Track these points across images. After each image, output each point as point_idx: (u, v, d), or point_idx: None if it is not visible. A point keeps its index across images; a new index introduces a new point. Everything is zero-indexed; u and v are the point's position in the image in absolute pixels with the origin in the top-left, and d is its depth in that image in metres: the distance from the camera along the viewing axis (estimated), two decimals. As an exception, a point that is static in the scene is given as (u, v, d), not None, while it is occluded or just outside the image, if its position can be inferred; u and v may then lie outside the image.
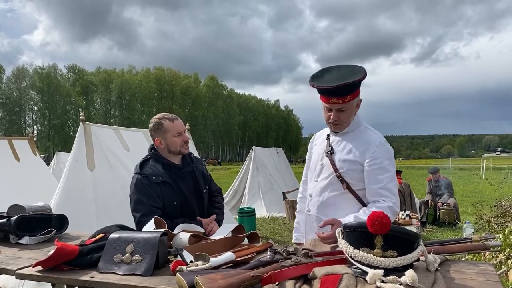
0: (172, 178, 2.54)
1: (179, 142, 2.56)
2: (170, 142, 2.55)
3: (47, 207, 2.45)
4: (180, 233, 2.01)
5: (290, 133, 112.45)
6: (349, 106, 2.20)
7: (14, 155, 7.08)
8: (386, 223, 1.35)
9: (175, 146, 2.56)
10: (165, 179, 2.50)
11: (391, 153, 2.26)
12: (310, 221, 2.40)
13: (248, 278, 1.40)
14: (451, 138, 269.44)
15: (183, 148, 2.60)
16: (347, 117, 2.25)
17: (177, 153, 2.59)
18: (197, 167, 2.71)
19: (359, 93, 2.24)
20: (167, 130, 2.54)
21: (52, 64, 68.26)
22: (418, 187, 18.96)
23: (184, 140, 2.59)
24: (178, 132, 2.56)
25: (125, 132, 5.44)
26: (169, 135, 2.54)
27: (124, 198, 4.83)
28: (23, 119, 67.11)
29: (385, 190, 2.15)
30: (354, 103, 2.23)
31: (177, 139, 2.55)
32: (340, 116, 2.23)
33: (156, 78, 76.70)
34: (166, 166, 2.56)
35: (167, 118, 2.58)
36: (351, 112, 2.25)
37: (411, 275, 1.28)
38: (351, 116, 2.27)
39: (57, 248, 1.71)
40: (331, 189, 2.29)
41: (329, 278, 1.36)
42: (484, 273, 1.58)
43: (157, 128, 2.56)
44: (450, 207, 8.59)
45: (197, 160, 2.80)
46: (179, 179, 2.57)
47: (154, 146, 2.66)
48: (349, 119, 2.27)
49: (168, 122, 2.55)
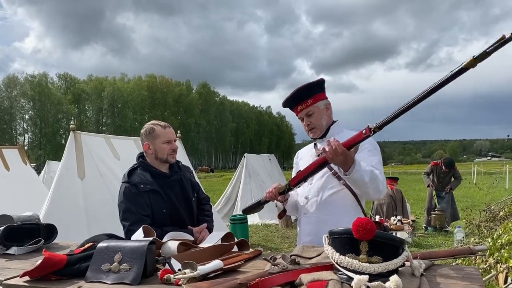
0: (161, 186, 2.55)
1: (167, 149, 2.58)
2: (159, 148, 2.57)
3: (35, 217, 2.43)
4: (169, 242, 2.01)
5: (283, 139, 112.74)
6: (315, 109, 2.37)
7: (4, 164, 7.04)
8: (370, 229, 1.37)
9: (163, 153, 2.57)
10: (153, 187, 2.51)
11: (376, 145, 2.35)
12: (306, 223, 2.41)
13: (235, 285, 1.40)
14: (442, 143, 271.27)
15: (170, 157, 2.61)
16: (317, 119, 2.39)
17: (164, 160, 2.60)
18: (185, 175, 2.72)
19: (322, 96, 2.40)
20: (158, 136, 2.56)
21: (43, 72, 67.99)
22: (410, 192, 19.07)
23: (173, 149, 2.61)
24: (168, 139, 2.58)
25: (116, 140, 5.44)
26: (158, 141, 2.56)
27: (114, 207, 4.79)
28: (14, 127, 66.65)
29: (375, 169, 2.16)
30: (320, 105, 2.38)
31: (166, 146, 2.57)
32: (311, 120, 2.39)
33: (148, 85, 76.63)
34: (154, 174, 2.57)
35: (160, 125, 2.62)
36: (320, 115, 2.39)
37: (395, 281, 1.29)
38: (322, 118, 2.39)
39: (45, 258, 1.71)
40: (329, 187, 2.33)
41: (314, 284, 1.37)
42: (469, 277, 1.60)
43: (148, 133, 2.58)
44: (441, 212, 8.65)
45: (185, 168, 2.80)
46: (167, 187, 2.58)
47: (142, 154, 2.68)
48: (320, 121, 2.40)
49: (160, 128, 2.58)
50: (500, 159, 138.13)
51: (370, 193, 2.17)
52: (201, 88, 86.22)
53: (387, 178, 9.10)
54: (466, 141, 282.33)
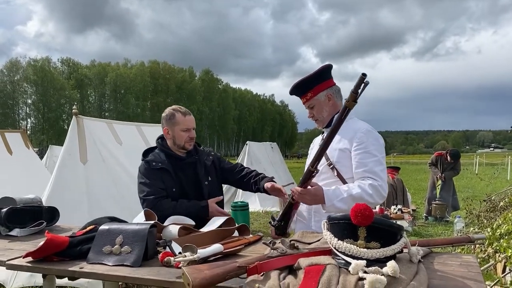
0: (172, 166, 2.63)
1: (185, 137, 2.64)
2: (177, 135, 2.64)
3: (38, 200, 2.46)
4: (170, 225, 2.03)
5: (286, 128, 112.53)
6: (315, 102, 2.37)
7: (7, 148, 7.06)
8: (369, 215, 1.38)
9: (180, 140, 2.64)
10: (163, 166, 2.61)
11: (378, 140, 2.28)
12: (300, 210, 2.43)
13: (234, 268, 1.42)
14: (445, 133, 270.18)
15: (187, 144, 2.67)
16: (318, 111, 2.39)
17: (181, 147, 2.67)
18: (201, 159, 2.75)
19: (324, 86, 2.36)
20: (177, 122, 2.63)
21: (46, 57, 67.80)
22: (411, 182, 19.11)
23: (190, 137, 2.66)
24: (187, 127, 2.64)
25: (118, 125, 5.46)
26: (177, 128, 2.63)
27: (115, 191, 4.88)
28: (16, 112, 66.63)
29: (370, 173, 2.16)
30: (321, 97, 2.37)
31: (184, 134, 2.63)
32: (313, 112, 2.41)
33: (151, 72, 76.34)
34: (169, 155, 2.66)
35: (181, 111, 2.66)
36: (321, 107, 2.38)
37: (392, 266, 1.31)
38: (323, 110, 2.39)
39: (47, 239, 1.73)
40: (323, 177, 2.33)
41: (312, 268, 1.38)
42: (466, 265, 1.61)
43: (169, 119, 2.65)
44: (441, 202, 8.67)
45: (204, 152, 2.81)
46: (179, 168, 2.65)
47: (162, 136, 2.77)
48: (322, 113, 2.39)
49: (180, 115, 2.64)
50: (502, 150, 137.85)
51: None
52: (204, 75, 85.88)
53: (389, 167, 9.11)
54: (469, 131, 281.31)
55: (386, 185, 2.21)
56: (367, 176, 2.16)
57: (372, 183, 2.14)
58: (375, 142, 2.24)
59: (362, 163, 2.19)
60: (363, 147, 2.21)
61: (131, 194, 5.02)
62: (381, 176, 2.18)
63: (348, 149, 2.25)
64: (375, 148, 2.22)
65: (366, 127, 2.29)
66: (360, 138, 2.23)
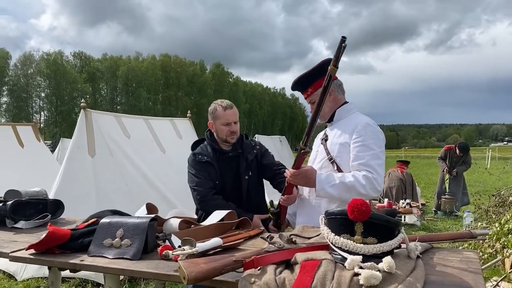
0: (216, 159, 2.72)
1: (226, 131, 2.70)
2: (219, 129, 2.72)
3: (43, 192, 2.49)
4: (171, 219, 2.05)
5: (296, 121, 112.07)
6: (315, 97, 2.29)
7: (18, 141, 7.16)
8: (365, 210, 1.38)
9: (222, 134, 2.72)
10: (208, 159, 2.71)
11: (378, 134, 2.25)
12: (301, 205, 2.43)
13: (231, 262, 1.43)
14: (458, 127, 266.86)
15: (229, 138, 2.72)
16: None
17: (223, 140, 2.73)
18: (244, 153, 2.78)
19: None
20: (218, 117, 2.70)
21: (58, 51, 68.32)
22: (422, 176, 18.97)
23: (231, 131, 2.70)
24: (226, 122, 2.69)
25: (126, 119, 5.49)
26: (218, 122, 2.70)
27: (123, 184, 4.92)
28: (30, 105, 67.33)
29: (366, 166, 2.14)
30: None
31: (224, 128, 2.69)
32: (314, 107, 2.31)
33: (162, 65, 76.48)
34: (214, 149, 2.76)
35: (222, 105, 2.71)
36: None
37: (388, 262, 1.30)
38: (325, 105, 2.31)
39: (49, 232, 1.76)
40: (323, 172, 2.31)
41: (308, 263, 1.38)
42: (466, 261, 1.60)
43: (212, 113, 2.74)
44: (451, 196, 8.59)
45: (248, 146, 2.83)
46: (221, 162, 2.74)
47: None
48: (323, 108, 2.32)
49: (220, 109, 2.69)
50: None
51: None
52: (215, 68, 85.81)
53: (398, 161, 9.05)
54: (482, 125, 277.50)
55: (382, 179, 2.18)
56: (363, 169, 2.15)
57: (367, 175, 2.12)
58: (373, 136, 2.21)
59: (358, 156, 2.17)
60: (361, 140, 2.19)
61: (139, 187, 5.08)
62: (377, 170, 2.15)
63: (348, 143, 2.24)
64: (373, 142, 2.19)
65: (366, 121, 2.27)
66: (359, 131, 2.21)
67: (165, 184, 5.31)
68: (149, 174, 5.24)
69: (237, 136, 2.77)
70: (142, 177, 5.16)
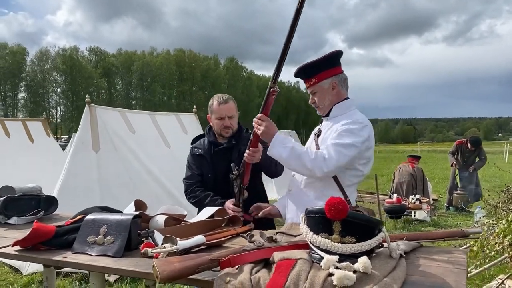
0: (210, 152, 2.78)
1: (219, 125, 2.74)
2: (214, 123, 2.79)
3: (37, 188, 2.50)
4: (157, 216, 2.03)
5: (311, 115, 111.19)
6: (318, 89, 2.27)
7: (29, 136, 7.29)
8: (342, 209, 1.34)
9: (217, 128, 2.78)
10: (202, 152, 2.78)
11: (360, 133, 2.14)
12: (289, 201, 2.40)
13: (206, 261, 1.40)
14: (477, 121, 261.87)
15: (224, 132, 2.75)
16: (320, 99, 2.30)
17: (218, 134, 2.78)
18: (239, 145, 2.77)
19: (328, 75, 2.25)
20: (213, 111, 2.76)
21: (73, 46, 69.13)
22: (437, 170, 18.71)
23: (225, 125, 2.73)
24: (220, 116, 2.72)
25: (131, 114, 5.51)
26: (213, 116, 2.76)
27: (128, 179, 4.95)
28: (47, 100, 68.37)
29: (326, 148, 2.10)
30: (324, 85, 2.26)
31: (218, 122, 2.74)
32: (315, 98, 2.32)
33: (176, 60, 76.79)
34: (209, 142, 2.82)
35: (217, 100, 2.75)
36: (323, 94, 2.28)
37: (363, 262, 1.27)
38: (325, 98, 2.29)
39: (33, 229, 1.76)
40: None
41: (284, 263, 1.36)
42: (453, 261, 1.55)
43: (209, 106, 2.81)
44: (463, 191, 8.45)
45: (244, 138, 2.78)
46: (215, 154, 2.78)
47: None
48: (323, 101, 2.30)
49: (215, 104, 2.74)
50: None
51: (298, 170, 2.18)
52: (229, 63, 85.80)
53: (409, 156, 8.92)
54: (503, 119, 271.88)
55: (334, 165, 2.07)
56: (323, 149, 2.11)
57: (320, 152, 2.08)
58: (356, 132, 2.11)
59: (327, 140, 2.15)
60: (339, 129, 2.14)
61: (143, 182, 5.10)
62: (334, 154, 2.06)
63: None
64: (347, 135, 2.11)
65: (356, 117, 2.20)
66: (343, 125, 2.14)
67: (170, 179, 5.32)
68: (154, 170, 5.27)
69: (232, 130, 2.76)
70: (146, 172, 5.18)
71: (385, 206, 6.99)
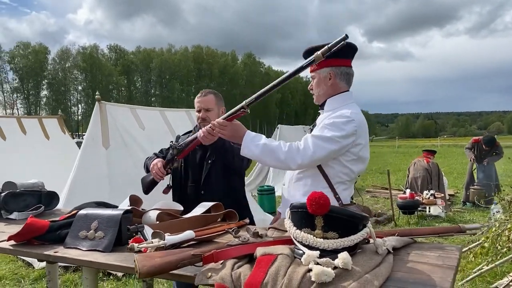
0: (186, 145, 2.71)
1: (197, 118, 2.81)
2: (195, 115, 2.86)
3: (39, 184, 2.54)
4: (150, 211, 2.04)
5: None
6: (316, 75, 2.22)
7: (44, 133, 7.42)
8: (323, 204, 1.32)
9: (196, 121, 2.86)
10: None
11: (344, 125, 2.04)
12: (284, 195, 2.37)
13: (188, 256, 1.40)
14: (501, 114, 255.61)
15: (201, 124, 2.72)
16: (316, 85, 2.24)
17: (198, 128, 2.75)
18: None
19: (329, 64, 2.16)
20: (194, 104, 2.83)
21: (93, 44, 70.21)
22: (456, 165, 18.35)
23: (202, 117, 2.76)
24: (197, 108, 2.80)
25: (141, 110, 5.55)
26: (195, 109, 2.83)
27: (137, 176, 4.97)
28: (68, 98, 69.66)
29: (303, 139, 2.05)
30: (323, 73, 2.19)
31: (197, 114, 2.81)
32: (313, 84, 2.27)
33: (194, 57, 77.20)
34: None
35: (199, 94, 2.84)
36: (320, 82, 2.21)
37: (343, 258, 1.24)
38: (319, 86, 2.22)
39: (26, 224, 1.79)
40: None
41: (264, 258, 1.34)
42: (444, 257, 1.51)
43: None
44: (480, 186, 8.28)
45: None
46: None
47: None
48: (318, 89, 2.23)
49: (196, 97, 2.83)
50: None
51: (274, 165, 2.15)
52: (246, 59, 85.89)
53: (424, 151, 8.78)
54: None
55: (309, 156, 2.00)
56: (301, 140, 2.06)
57: (294, 144, 2.03)
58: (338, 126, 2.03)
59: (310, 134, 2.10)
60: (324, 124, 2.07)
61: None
62: (310, 146, 2.00)
63: None
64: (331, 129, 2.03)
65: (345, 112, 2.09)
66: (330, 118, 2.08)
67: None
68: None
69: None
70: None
71: (398, 201, 6.89)
